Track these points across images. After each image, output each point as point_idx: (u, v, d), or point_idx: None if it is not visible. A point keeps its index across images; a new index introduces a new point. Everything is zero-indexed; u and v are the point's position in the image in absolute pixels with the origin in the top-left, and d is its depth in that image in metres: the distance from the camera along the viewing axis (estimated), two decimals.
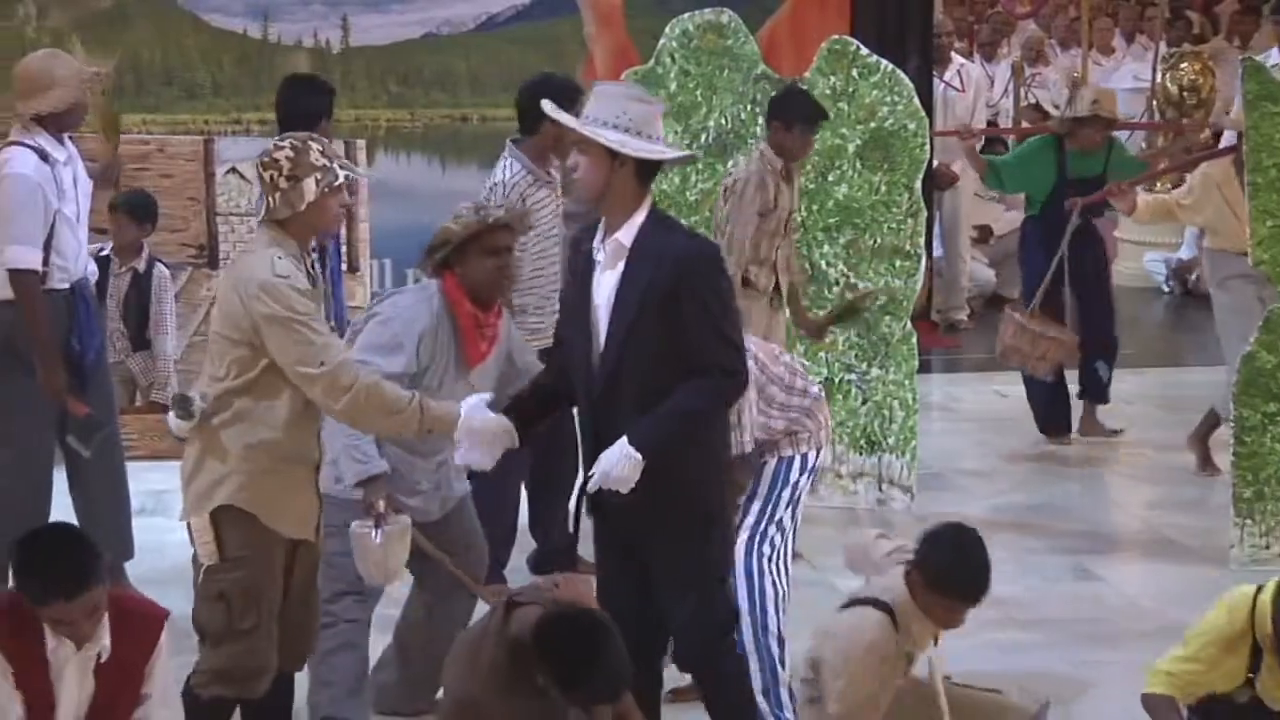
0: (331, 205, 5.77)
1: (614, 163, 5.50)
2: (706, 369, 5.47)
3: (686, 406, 5.48)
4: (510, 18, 13.71)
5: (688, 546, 5.60)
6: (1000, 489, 9.82)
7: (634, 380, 5.50)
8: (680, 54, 9.20)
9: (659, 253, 5.49)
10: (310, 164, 5.70)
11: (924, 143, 9.16)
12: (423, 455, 6.28)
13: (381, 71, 13.57)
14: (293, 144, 5.75)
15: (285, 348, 5.57)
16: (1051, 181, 10.44)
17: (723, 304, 5.54)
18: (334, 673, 6.29)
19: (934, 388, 12.04)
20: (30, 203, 7.42)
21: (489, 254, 6.22)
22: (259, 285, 5.58)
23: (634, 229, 5.54)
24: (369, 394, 5.55)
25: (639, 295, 5.48)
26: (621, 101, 5.54)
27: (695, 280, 5.47)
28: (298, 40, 13.39)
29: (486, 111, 13.46)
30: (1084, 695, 6.87)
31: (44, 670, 5.16)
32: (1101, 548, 8.85)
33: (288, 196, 5.69)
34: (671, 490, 5.51)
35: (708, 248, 5.67)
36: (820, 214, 9.13)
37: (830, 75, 9.13)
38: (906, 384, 9.27)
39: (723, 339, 5.50)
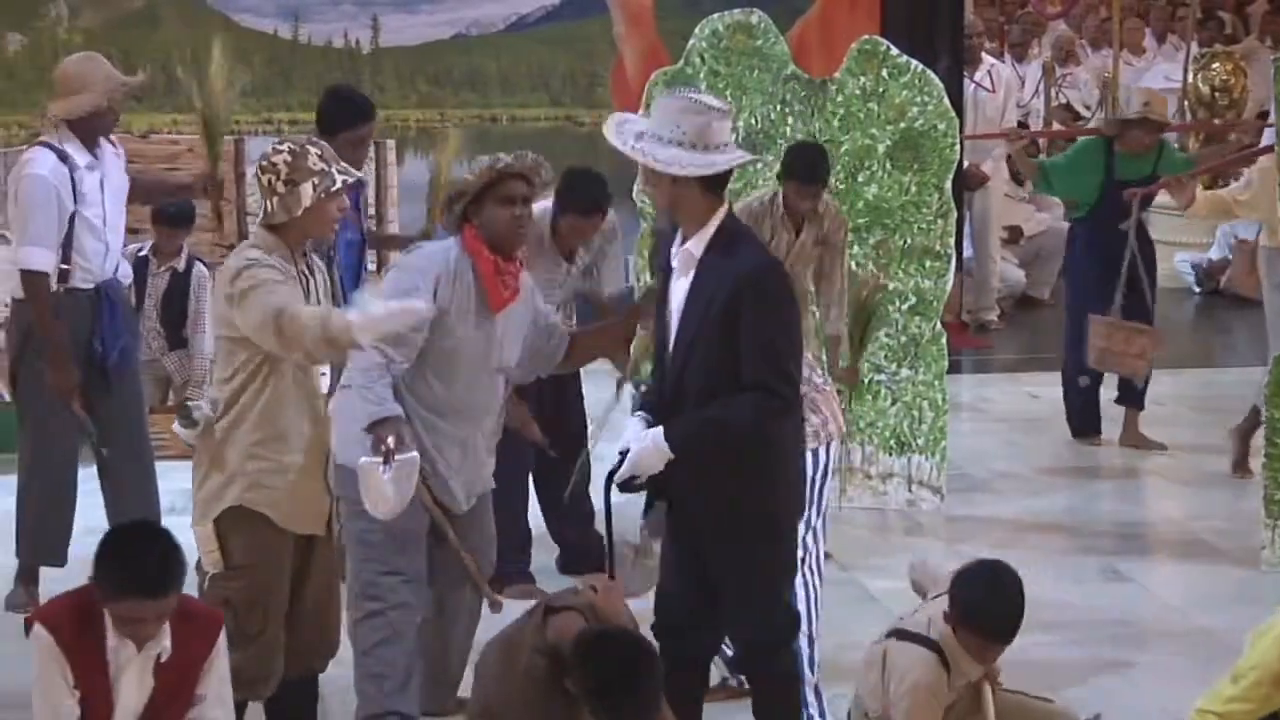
0: (329, 210, 5.78)
1: (674, 180, 5.51)
2: (753, 386, 5.48)
3: (723, 417, 5.50)
4: (540, 18, 13.75)
5: (754, 552, 5.62)
6: (1030, 490, 9.80)
7: (696, 389, 5.54)
8: (710, 54, 9.19)
9: (724, 266, 5.51)
10: (308, 169, 5.71)
11: (954, 143, 9.15)
12: (448, 440, 6.22)
13: (411, 72, 13.61)
14: (291, 148, 5.76)
15: (250, 313, 5.58)
16: (1100, 184, 10.37)
17: (778, 323, 5.53)
18: (381, 665, 6.20)
19: (964, 388, 12.02)
20: (45, 204, 7.46)
21: (504, 203, 6.14)
22: (228, 274, 5.66)
23: (704, 240, 5.56)
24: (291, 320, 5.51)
25: (701, 309, 5.52)
26: (676, 115, 5.52)
27: (752, 298, 5.47)
28: (328, 41, 13.44)
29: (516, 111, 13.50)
30: (1113, 696, 6.85)
31: (104, 670, 5.15)
32: (1132, 549, 8.82)
33: (285, 201, 5.71)
34: (742, 496, 5.54)
35: (770, 265, 5.65)
36: (850, 215, 9.11)
37: (860, 75, 9.12)
38: (936, 384, 9.26)
39: (770, 358, 5.48)
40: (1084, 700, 6.51)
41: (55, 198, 7.47)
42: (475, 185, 6.14)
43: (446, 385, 6.12)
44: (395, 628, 6.18)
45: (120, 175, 7.80)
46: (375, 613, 6.15)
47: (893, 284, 9.16)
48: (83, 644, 5.13)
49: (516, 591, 7.92)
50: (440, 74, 13.61)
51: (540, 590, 7.86)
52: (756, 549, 5.61)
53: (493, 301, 6.15)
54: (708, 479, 5.55)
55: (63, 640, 5.10)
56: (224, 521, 5.72)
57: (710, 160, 5.50)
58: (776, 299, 5.56)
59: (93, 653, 5.13)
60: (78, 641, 5.12)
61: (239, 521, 5.73)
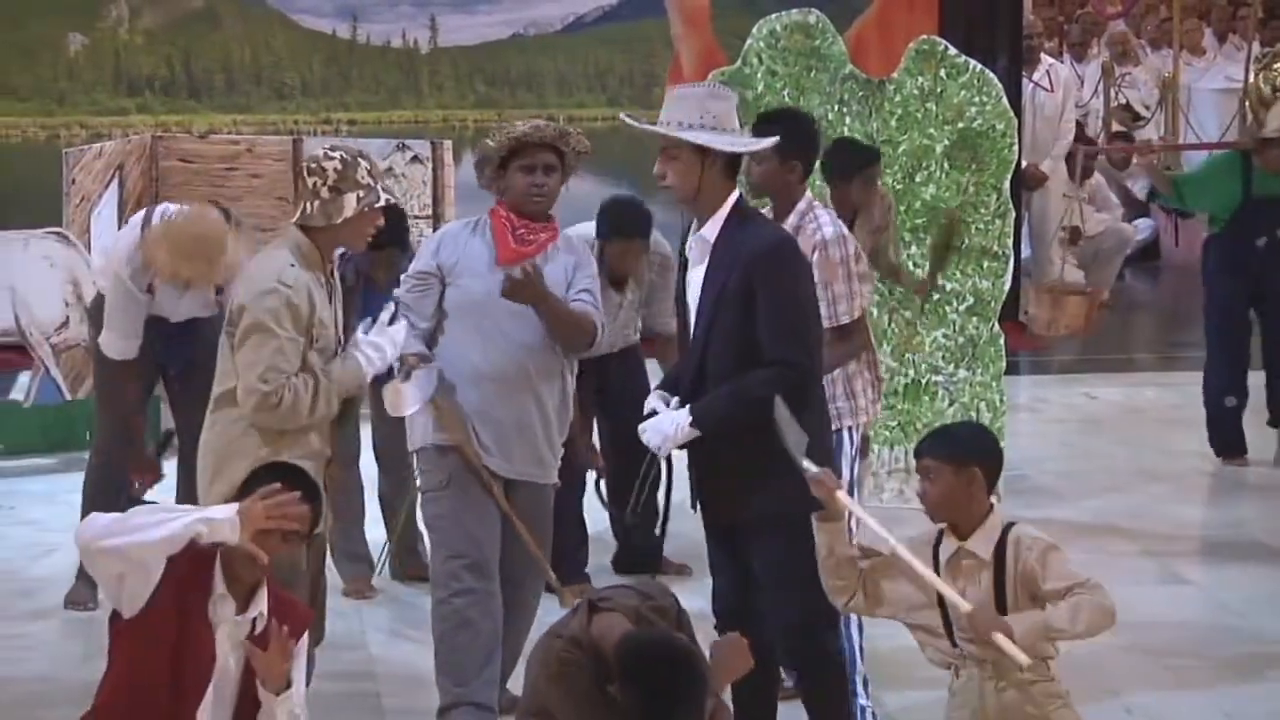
0: (365, 225, 5.85)
1: (705, 163, 5.58)
2: (771, 361, 5.55)
3: (744, 391, 5.56)
4: (597, 18, 13.75)
5: (794, 544, 5.61)
6: (1088, 492, 9.75)
7: (718, 374, 5.60)
8: (767, 54, 9.18)
9: (736, 248, 5.58)
10: (356, 180, 5.77)
11: (1012, 143, 9.11)
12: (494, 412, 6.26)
13: (469, 72, 13.63)
14: (343, 156, 5.81)
15: (247, 352, 5.67)
16: (1237, 199, 10.09)
17: (791, 298, 5.61)
18: (453, 654, 6.21)
19: (1021, 389, 11.97)
20: (123, 297, 7.33)
21: (525, 170, 6.23)
22: (261, 290, 5.69)
23: (718, 224, 5.64)
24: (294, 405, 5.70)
25: (715, 294, 5.60)
26: (702, 101, 5.62)
27: (764, 275, 5.55)
28: (386, 40, 13.47)
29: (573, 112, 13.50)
30: (1171, 700, 6.82)
31: (205, 618, 5.07)
32: (1191, 552, 8.78)
33: (326, 207, 5.76)
34: (778, 488, 5.56)
35: (779, 241, 5.72)
36: (908, 215, 9.09)
37: (918, 75, 9.09)
38: (994, 386, 9.23)
39: (787, 332, 5.57)
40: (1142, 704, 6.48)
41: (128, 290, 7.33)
42: (496, 153, 6.25)
43: (474, 345, 6.18)
44: (462, 615, 6.20)
45: None
46: (441, 600, 6.24)
47: (950, 284, 9.14)
48: (193, 580, 5.04)
49: (573, 591, 7.92)
50: (498, 74, 13.63)
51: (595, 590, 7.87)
52: (793, 536, 5.58)
53: (500, 254, 6.22)
54: (733, 480, 5.62)
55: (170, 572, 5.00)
56: None
57: (746, 141, 5.63)
58: (790, 273, 5.63)
59: (198, 601, 5.05)
60: (189, 575, 5.04)
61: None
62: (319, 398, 5.71)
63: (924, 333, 9.13)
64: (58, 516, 8.52)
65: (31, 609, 7.89)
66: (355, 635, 7.44)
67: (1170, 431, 10.94)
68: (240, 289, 5.84)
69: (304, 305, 5.70)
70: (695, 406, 5.60)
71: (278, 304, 5.66)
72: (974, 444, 5.26)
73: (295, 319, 5.68)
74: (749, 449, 5.59)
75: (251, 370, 5.67)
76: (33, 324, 10.25)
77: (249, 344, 5.68)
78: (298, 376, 5.67)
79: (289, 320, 5.66)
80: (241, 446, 5.77)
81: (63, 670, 7.12)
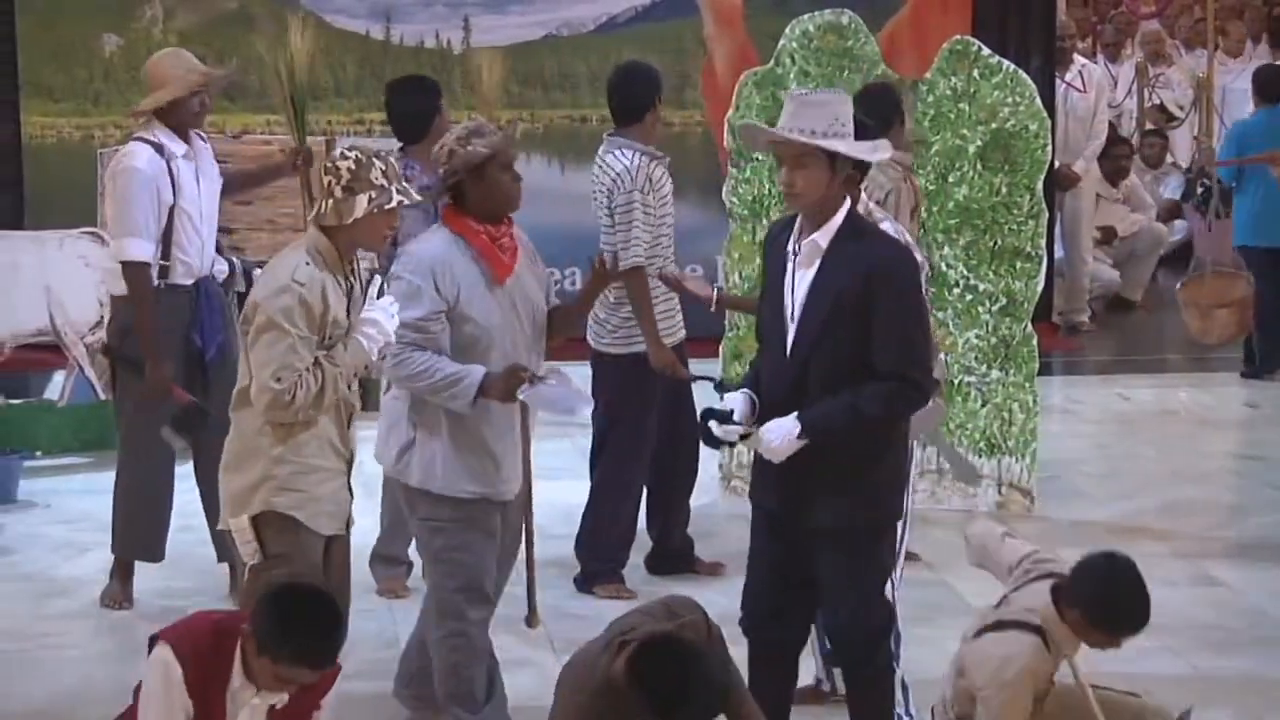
0: (380, 226, 5.85)
1: (834, 170, 5.57)
2: (889, 376, 5.53)
3: (862, 406, 5.54)
4: (630, 19, 13.74)
5: (860, 550, 5.68)
6: (1121, 493, 9.73)
7: (820, 380, 5.58)
8: (800, 55, 9.18)
9: (854, 258, 5.56)
10: (368, 180, 5.78)
11: (1045, 144, 9.10)
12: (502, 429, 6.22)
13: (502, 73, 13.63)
14: (358, 157, 5.83)
15: (260, 350, 5.69)
16: None
17: (913, 314, 5.61)
18: (463, 684, 6.23)
19: (1054, 390, 11.95)
20: (143, 196, 7.56)
21: (505, 169, 6.12)
22: (274, 287, 5.72)
23: (831, 231, 5.61)
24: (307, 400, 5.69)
25: (831, 299, 5.55)
26: (833, 107, 5.58)
27: (886, 289, 5.53)
28: (419, 41, 13.49)
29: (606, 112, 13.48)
30: (1204, 701, 6.79)
31: (222, 712, 5.19)
32: (1226, 553, 8.75)
33: (339, 206, 5.78)
34: (855, 493, 5.60)
35: (902, 256, 5.72)
36: (940, 215, 9.08)
37: (951, 76, 9.09)
38: (1027, 386, 9.21)
39: (908, 349, 5.56)
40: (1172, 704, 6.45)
41: (154, 190, 7.57)
42: (480, 157, 6.05)
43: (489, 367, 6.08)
44: (475, 645, 6.23)
45: (214, 169, 7.87)
46: (456, 632, 6.20)
47: (983, 285, 9.13)
48: (208, 683, 5.16)
49: (606, 591, 7.94)
50: (531, 74, 13.63)
51: (629, 591, 7.88)
52: (868, 544, 5.68)
53: (497, 273, 6.11)
54: (830, 474, 5.59)
55: (189, 677, 5.14)
56: (259, 519, 5.80)
57: (876, 150, 5.64)
58: (911, 289, 5.63)
59: (216, 692, 5.17)
60: (204, 681, 5.15)
61: (271, 520, 5.81)
62: (327, 385, 5.73)
63: (957, 333, 9.12)
64: (92, 516, 8.55)
65: (66, 608, 7.92)
66: (387, 633, 7.46)
67: (1203, 432, 10.92)
68: (256, 286, 5.88)
69: (317, 303, 5.72)
70: (806, 417, 5.55)
71: (291, 302, 5.68)
72: None
73: (308, 317, 5.70)
74: (828, 457, 5.59)
75: (265, 369, 5.69)
76: (67, 324, 10.30)
77: (262, 342, 5.70)
78: (308, 371, 5.69)
79: (302, 318, 5.69)
80: (258, 444, 5.80)
81: (97, 669, 7.15)
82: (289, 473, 5.78)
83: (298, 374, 5.67)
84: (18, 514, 9.27)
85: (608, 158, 7.93)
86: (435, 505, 6.12)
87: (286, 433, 5.78)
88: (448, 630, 6.20)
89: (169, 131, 7.67)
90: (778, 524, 5.77)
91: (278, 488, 5.77)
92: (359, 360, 5.83)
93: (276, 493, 5.77)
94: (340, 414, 5.89)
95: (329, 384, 5.73)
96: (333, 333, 5.78)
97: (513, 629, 7.34)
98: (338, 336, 5.79)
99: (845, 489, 5.60)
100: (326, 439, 5.86)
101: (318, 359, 5.73)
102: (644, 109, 7.96)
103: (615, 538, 8.07)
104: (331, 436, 5.87)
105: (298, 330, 5.68)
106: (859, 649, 5.81)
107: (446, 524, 6.14)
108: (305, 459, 5.80)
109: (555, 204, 11.44)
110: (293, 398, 5.67)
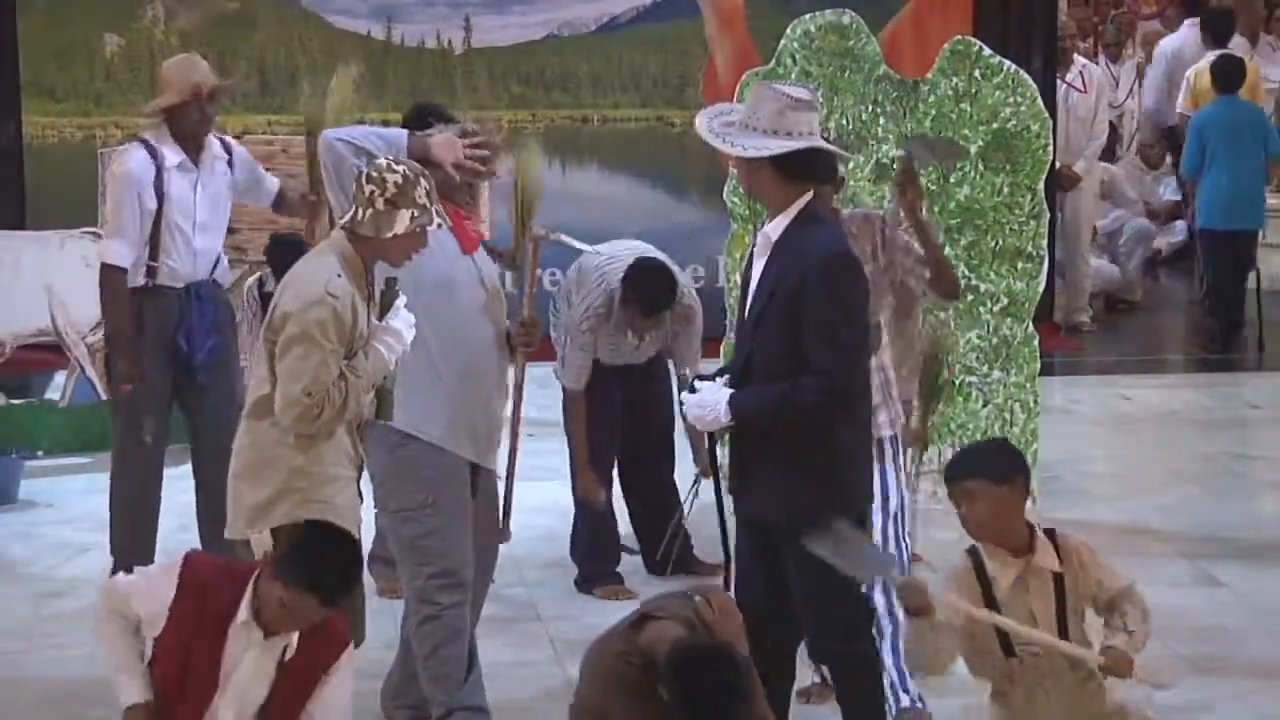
0: (412, 245, 5.84)
1: (749, 164, 5.65)
2: (815, 370, 5.57)
3: (788, 395, 5.59)
4: (632, 19, 13.74)
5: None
6: (1123, 493, 9.74)
7: (760, 368, 5.65)
8: (802, 55, 9.17)
9: (795, 253, 5.61)
10: (413, 199, 5.75)
11: (1047, 144, 9.09)
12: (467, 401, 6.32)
13: (503, 72, 13.64)
14: (406, 172, 5.77)
15: (290, 362, 5.67)
16: None
17: (843, 310, 5.62)
18: (444, 665, 6.30)
19: (1055, 391, 11.95)
20: (128, 199, 7.60)
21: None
22: (308, 299, 5.69)
23: (781, 226, 5.68)
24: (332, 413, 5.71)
25: (769, 289, 5.63)
26: (755, 103, 5.66)
27: (819, 282, 5.56)
28: (420, 41, 13.48)
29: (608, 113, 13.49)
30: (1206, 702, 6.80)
31: (220, 639, 5.21)
32: (1226, 553, 8.75)
33: (379, 219, 5.73)
34: (814, 492, 5.60)
35: (841, 252, 5.72)
36: (942, 215, 9.07)
37: (952, 76, 9.08)
38: (1028, 386, 9.20)
39: (834, 345, 5.58)
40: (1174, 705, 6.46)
41: (135, 195, 7.57)
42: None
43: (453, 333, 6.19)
44: (452, 627, 6.29)
45: (221, 180, 7.84)
46: (431, 617, 6.27)
47: (984, 285, 9.12)
48: (211, 605, 5.19)
49: (605, 592, 7.95)
50: (532, 75, 13.63)
51: (628, 591, 7.89)
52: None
53: (466, 245, 6.27)
54: (772, 478, 5.64)
55: (196, 587, 5.16)
56: (278, 532, 5.78)
57: (777, 144, 5.58)
58: (845, 286, 5.64)
59: (217, 619, 5.19)
60: (208, 598, 5.17)
61: (290, 534, 5.78)
62: (349, 397, 5.73)
63: (958, 334, 9.11)
64: (93, 516, 8.55)
65: (67, 608, 7.92)
66: (388, 633, 7.45)
67: (1205, 433, 10.92)
68: (285, 295, 5.80)
69: (348, 317, 5.69)
70: (736, 396, 5.63)
71: (325, 315, 5.65)
72: (1010, 456, 5.25)
73: (340, 330, 5.68)
74: (790, 450, 5.62)
75: (295, 382, 5.65)
76: (69, 324, 10.31)
77: (293, 354, 5.66)
78: (334, 385, 5.68)
79: (334, 332, 5.66)
80: (277, 454, 5.78)
81: (98, 669, 7.13)
82: (311, 484, 5.76)
83: (327, 387, 5.66)
84: (18, 514, 9.28)
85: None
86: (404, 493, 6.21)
87: (309, 443, 5.76)
88: (424, 615, 6.27)
89: (170, 140, 7.67)
90: (742, 520, 5.84)
91: (303, 500, 5.75)
92: (379, 370, 5.83)
93: (301, 505, 5.74)
94: (351, 422, 5.89)
95: (352, 395, 5.72)
96: (358, 346, 5.78)
97: (513, 629, 7.37)
98: (359, 347, 5.79)
99: (804, 483, 5.62)
100: (343, 448, 5.85)
101: (341, 371, 5.72)
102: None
103: (603, 540, 8.09)
104: (347, 445, 5.87)
105: (330, 344, 5.66)
106: (837, 644, 5.82)
107: (415, 511, 6.23)
108: (325, 468, 5.79)
109: (556, 204, 11.42)
110: (320, 412, 5.66)
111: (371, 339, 5.81)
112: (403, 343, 5.87)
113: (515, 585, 6.86)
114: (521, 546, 7.50)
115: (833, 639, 5.79)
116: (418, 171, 5.83)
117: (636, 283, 7.85)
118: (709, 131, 5.67)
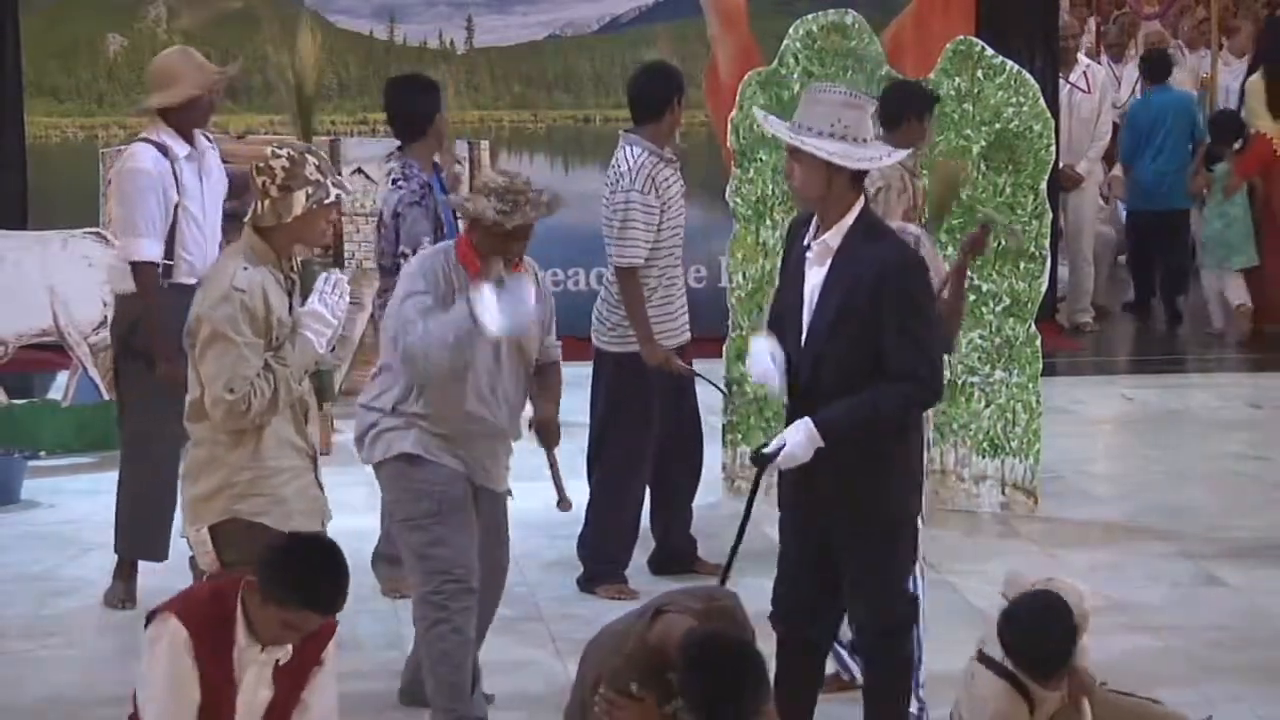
0: (318, 221, 5.85)
1: (830, 170, 5.61)
2: (901, 376, 5.61)
3: (877, 405, 5.63)
4: (633, 19, 13.74)
5: (878, 546, 5.76)
6: (1125, 493, 9.73)
7: (832, 378, 5.65)
8: (804, 55, 9.17)
9: (863, 258, 5.62)
10: (304, 177, 5.77)
11: (1049, 144, 9.09)
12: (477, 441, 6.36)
13: (505, 72, 13.64)
14: (290, 154, 5.81)
15: (209, 363, 5.68)
16: None
17: (921, 314, 5.67)
18: (451, 673, 6.30)
19: (1058, 390, 11.94)
20: (150, 196, 7.59)
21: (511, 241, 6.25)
22: (215, 297, 5.70)
23: (842, 232, 5.67)
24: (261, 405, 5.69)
25: (840, 298, 5.63)
26: (836, 109, 5.63)
27: (895, 288, 5.60)
28: (423, 41, 13.49)
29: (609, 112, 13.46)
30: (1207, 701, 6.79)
31: (230, 670, 5.25)
32: (1229, 553, 8.73)
33: (276, 206, 5.76)
34: (871, 493, 5.68)
35: (910, 256, 5.78)
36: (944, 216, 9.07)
37: (955, 76, 9.08)
38: (1030, 387, 9.20)
39: (918, 348, 5.63)
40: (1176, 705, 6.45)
41: (159, 190, 7.58)
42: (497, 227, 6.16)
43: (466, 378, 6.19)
44: (463, 633, 6.31)
45: (218, 170, 7.89)
46: (440, 620, 6.28)
47: (986, 285, 9.12)
48: (216, 644, 5.22)
49: (608, 591, 7.94)
50: (534, 74, 13.64)
51: (631, 591, 7.88)
52: (886, 541, 5.75)
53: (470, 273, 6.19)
54: (847, 474, 5.66)
55: (197, 643, 5.19)
56: (218, 529, 5.78)
57: (869, 154, 5.63)
58: (921, 289, 5.71)
59: (223, 653, 5.23)
60: (211, 641, 5.21)
61: (235, 530, 5.78)
62: (280, 387, 5.73)
63: (960, 333, 9.10)
64: (95, 516, 8.55)
65: (70, 608, 7.92)
66: (391, 633, 7.46)
67: (1207, 433, 10.91)
68: (197, 298, 5.83)
69: (260, 307, 5.71)
70: (821, 419, 5.62)
71: (233, 310, 5.67)
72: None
73: (252, 322, 5.69)
74: (853, 452, 5.66)
75: (216, 381, 5.67)
76: (71, 324, 10.31)
77: (210, 354, 5.68)
78: (259, 376, 5.68)
79: (246, 324, 5.68)
80: (214, 453, 5.79)
81: (99, 669, 7.15)
82: (250, 479, 5.76)
83: (249, 381, 5.66)
84: (21, 513, 9.28)
85: (618, 154, 7.99)
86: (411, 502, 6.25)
87: (241, 439, 5.76)
88: (432, 621, 6.28)
89: (172, 132, 7.69)
90: (800, 525, 5.85)
91: (238, 495, 5.75)
92: (308, 357, 5.83)
93: (237, 500, 5.75)
94: (296, 411, 5.88)
95: (281, 385, 5.73)
96: (278, 333, 5.77)
97: (513, 629, 7.37)
98: (284, 336, 5.79)
99: (862, 488, 5.68)
100: (284, 439, 5.84)
101: (267, 361, 5.72)
102: (660, 108, 7.96)
103: (617, 538, 8.07)
104: (289, 435, 5.85)
105: (244, 338, 5.67)
106: (882, 641, 5.88)
107: (422, 519, 6.26)
108: (265, 462, 5.79)
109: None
110: (248, 406, 5.67)
111: (297, 325, 5.81)
112: (328, 324, 5.86)
113: (516, 585, 6.85)
114: (522, 546, 7.50)
115: (881, 636, 5.87)
116: (302, 149, 5.89)
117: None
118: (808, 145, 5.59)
